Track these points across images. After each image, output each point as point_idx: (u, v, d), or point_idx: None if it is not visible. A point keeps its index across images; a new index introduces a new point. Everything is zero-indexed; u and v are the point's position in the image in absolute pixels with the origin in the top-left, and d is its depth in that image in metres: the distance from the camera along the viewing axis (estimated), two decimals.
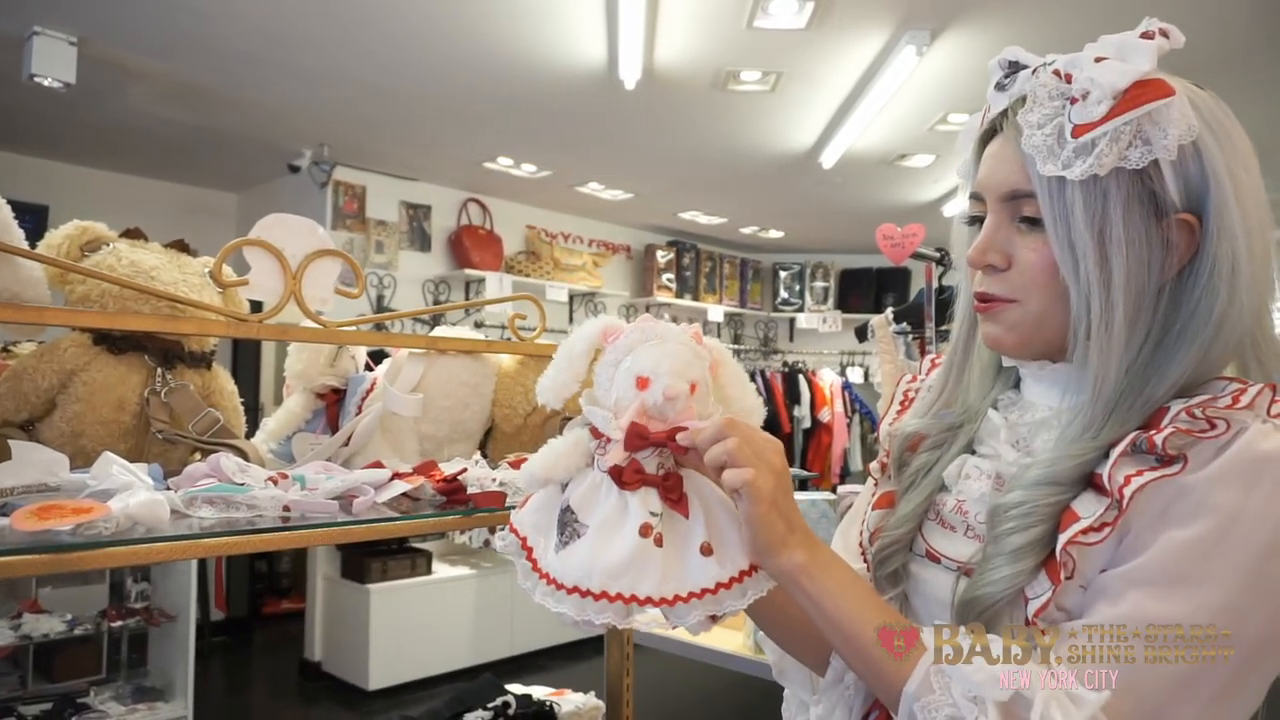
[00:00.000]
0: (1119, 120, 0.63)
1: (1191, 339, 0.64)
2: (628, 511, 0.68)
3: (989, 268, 0.71)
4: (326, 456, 1.11)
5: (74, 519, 0.66)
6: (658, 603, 0.66)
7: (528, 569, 0.70)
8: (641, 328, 0.72)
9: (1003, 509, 0.67)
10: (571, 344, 0.74)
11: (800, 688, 0.81)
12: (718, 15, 2.75)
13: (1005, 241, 0.70)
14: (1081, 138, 0.63)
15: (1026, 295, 0.69)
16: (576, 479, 0.71)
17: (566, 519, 0.69)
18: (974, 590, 0.66)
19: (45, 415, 0.98)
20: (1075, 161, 0.64)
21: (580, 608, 0.66)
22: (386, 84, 3.39)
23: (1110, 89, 0.63)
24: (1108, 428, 0.65)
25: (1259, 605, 0.58)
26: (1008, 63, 0.72)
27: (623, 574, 0.65)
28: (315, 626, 4.35)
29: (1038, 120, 0.66)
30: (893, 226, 2.57)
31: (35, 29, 2.82)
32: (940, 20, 2.75)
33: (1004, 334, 0.72)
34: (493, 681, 1.62)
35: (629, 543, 0.66)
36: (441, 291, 4.90)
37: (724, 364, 0.75)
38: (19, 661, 3.06)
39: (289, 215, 1.10)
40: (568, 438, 0.72)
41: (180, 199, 4.90)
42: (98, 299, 0.99)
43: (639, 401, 0.69)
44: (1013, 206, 0.70)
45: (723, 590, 0.68)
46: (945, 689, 0.59)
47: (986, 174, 0.72)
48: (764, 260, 6.74)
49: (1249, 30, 2.77)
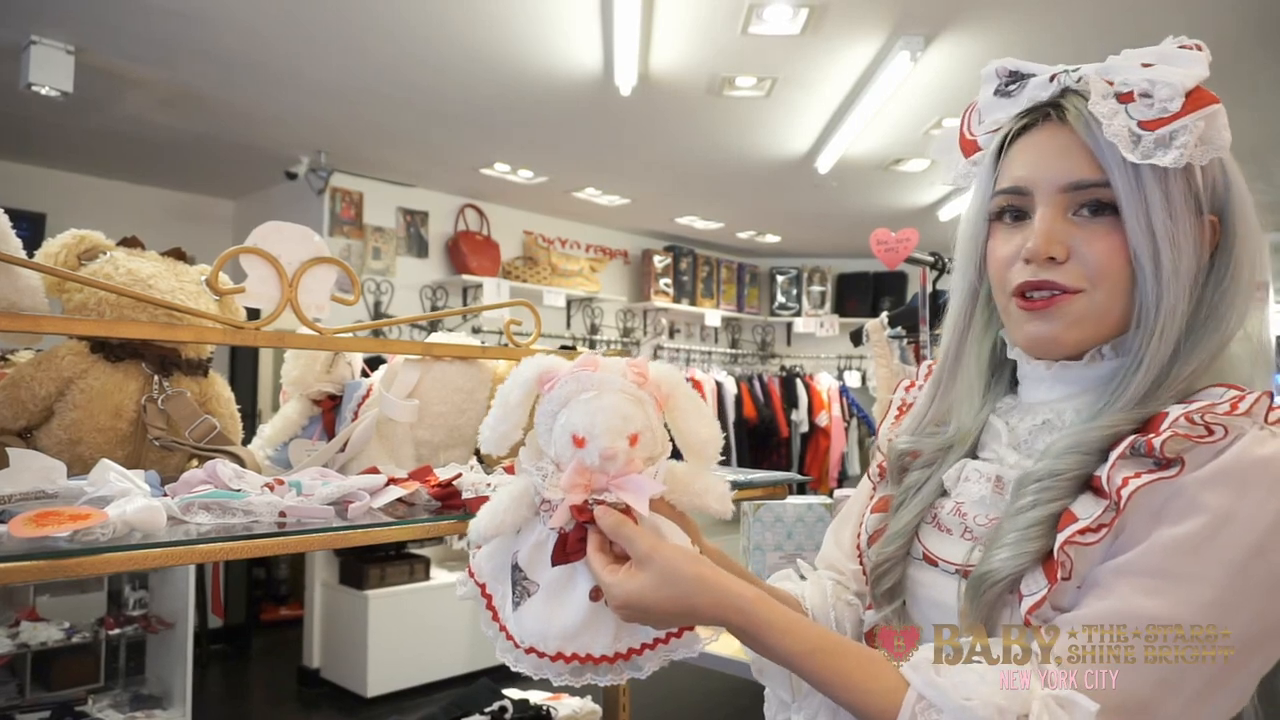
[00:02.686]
0: (1194, 116, 0.65)
1: (1215, 328, 0.68)
2: (575, 574, 0.69)
3: (1049, 260, 0.70)
4: (323, 462, 1.11)
5: (71, 525, 0.67)
6: (612, 659, 0.67)
7: (488, 618, 0.71)
8: (577, 376, 0.69)
9: (1030, 478, 0.68)
10: (508, 392, 0.72)
11: (780, 687, 0.81)
12: (712, 21, 2.77)
13: (1064, 233, 0.70)
14: (1158, 130, 0.65)
15: (1094, 285, 0.70)
16: (525, 529, 0.71)
17: (516, 577, 0.70)
18: (985, 566, 0.67)
19: (43, 423, 0.98)
20: (1156, 152, 0.66)
21: (538, 667, 0.67)
22: (383, 90, 3.40)
23: (1180, 88, 0.66)
24: (1141, 406, 0.66)
25: (1244, 603, 0.59)
26: (1008, 71, 0.73)
27: (577, 636, 0.67)
28: (314, 633, 4.34)
29: (1106, 113, 0.67)
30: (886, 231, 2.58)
31: (33, 38, 2.83)
32: (934, 26, 2.77)
33: (1064, 330, 0.71)
34: (489, 686, 1.62)
35: (580, 606, 0.67)
36: (439, 297, 4.91)
37: (675, 396, 0.72)
38: (17, 670, 3.06)
39: (285, 223, 1.11)
40: (513, 488, 0.71)
41: (178, 206, 4.91)
42: (95, 307, 0.99)
43: (575, 461, 0.67)
44: (1072, 197, 0.70)
45: (674, 640, 0.69)
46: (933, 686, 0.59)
47: (1038, 166, 0.72)
48: (761, 265, 6.75)
49: (1240, 35, 2.78)
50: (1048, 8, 2.63)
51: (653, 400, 0.70)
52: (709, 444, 0.72)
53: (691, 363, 6.01)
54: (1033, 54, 0.74)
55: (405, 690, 4.15)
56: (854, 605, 0.86)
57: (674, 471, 0.71)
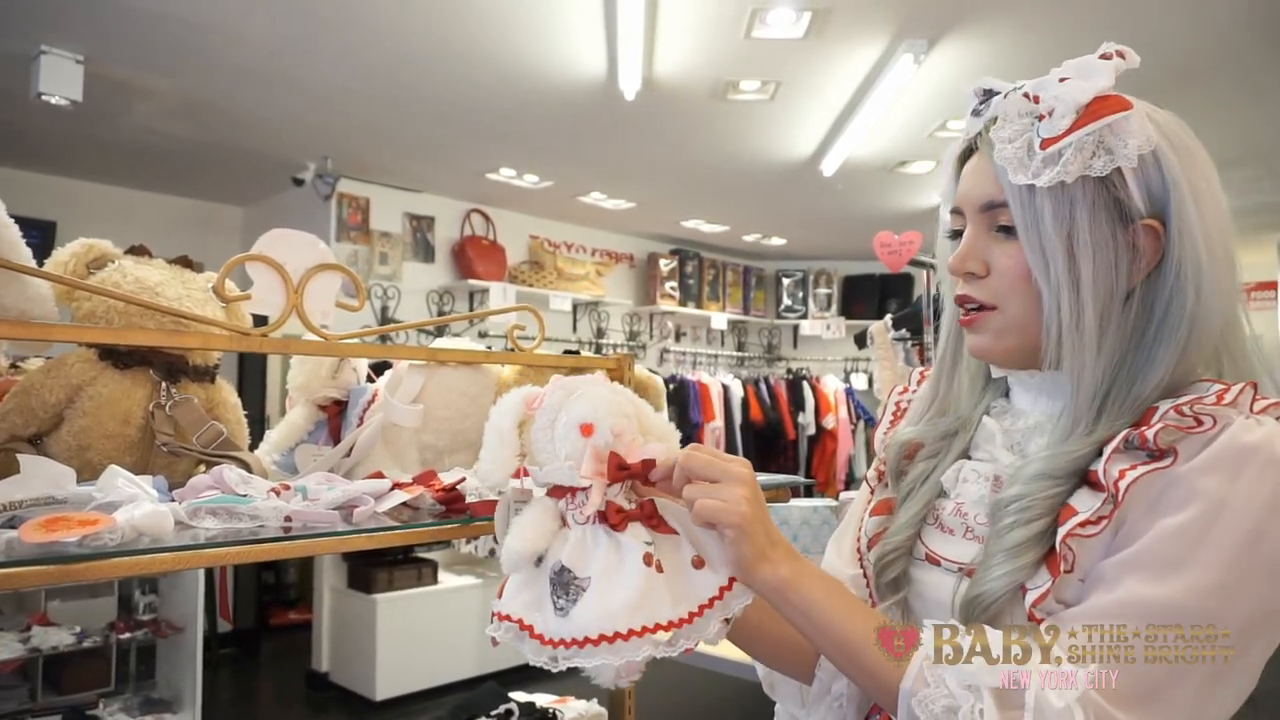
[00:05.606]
0: (1082, 131, 0.67)
1: (1169, 338, 0.68)
2: (623, 550, 0.70)
3: (969, 275, 0.75)
4: (329, 467, 1.12)
5: (80, 531, 0.68)
6: (679, 624, 0.68)
7: (537, 646, 0.70)
8: (561, 385, 0.75)
9: (1003, 503, 0.69)
10: (498, 423, 0.76)
11: (791, 703, 0.82)
12: (716, 26, 2.78)
13: (984, 250, 0.74)
14: (1048, 149, 0.67)
15: (1004, 300, 0.73)
16: (554, 544, 0.72)
17: (564, 579, 0.70)
18: (975, 589, 0.68)
19: (53, 430, 0.99)
20: (1044, 171, 0.68)
21: (616, 652, 0.66)
22: (388, 97, 3.42)
23: (1074, 104, 0.68)
24: (1100, 426, 0.68)
25: (1246, 587, 0.61)
26: (982, 91, 0.76)
27: (641, 607, 0.67)
28: (322, 637, 4.36)
29: (1008, 135, 0.70)
30: (890, 234, 2.58)
31: (42, 48, 2.86)
32: (937, 29, 2.77)
33: (990, 343, 0.75)
34: (495, 690, 1.63)
35: (636, 577, 0.68)
36: (445, 302, 4.93)
37: (634, 399, 0.78)
38: (29, 674, 3.08)
39: (290, 230, 1.11)
40: (533, 510, 0.74)
41: (186, 213, 4.94)
42: (103, 315, 1.00)
43: (589, 448, 0.71)
44: (989, 217, 0.74)
45: (727, 594, 0.70)
46: (940, 681, 0.60)
47: (965, 188, 0.76)
48: (767, 267, 6.75)
49: (1239, 35, 2.78)
50: (1049, 10, 2.63)
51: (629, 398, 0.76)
52: (669, 437, 0.78)
53: (698, 366, 6.02)
54: (1035, 56, 0.76)
55: (413, 694, 4.16)
56: None
57: None
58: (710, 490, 0.67)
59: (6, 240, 0.88)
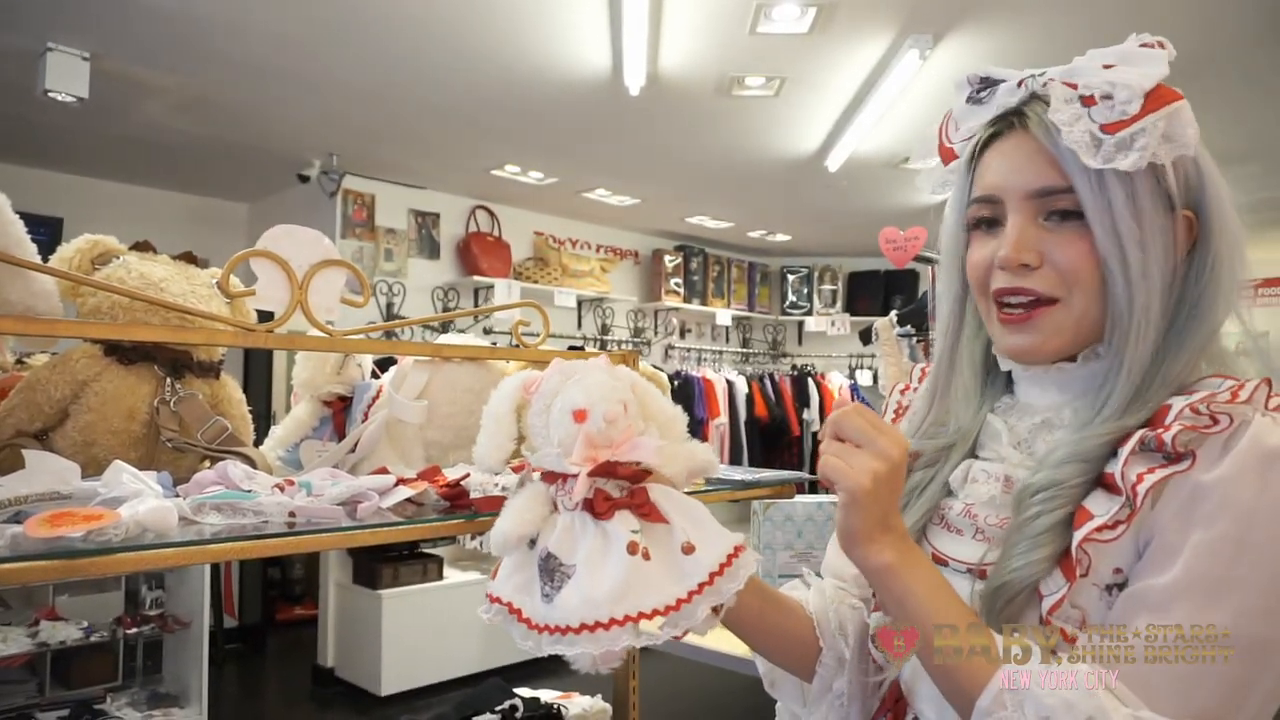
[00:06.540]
0: (1154, 116, 0.65)
1: (1197, 327, 0.68)
2: (609, 538, 0.69)
3: (1023, 267, 0.71)
4: (333, 463, 1.12)
5: (85, 526, 0.68)
6: (664, 611, 0.67)
7: (524, 630, 0.71)
8: (560, 369, 0.75)
9: (1031, 489, 0.68)
10: (495, 407, 0.77)
11: (792, 700, 0.81)
12: (721, 21, 2.77)
13: (1036, 240, 0.71)
14: (1119, 133, 0.66)
15: (1069, 291, 0.70)
16: (545, 529, 0.72)
17: (551, 565, 0.70)
18: (998, 579, 0.67)
19: (58, 425, 1.00)
20: (1117, 155, 0.66)
21: (595, 641, 0.66)
22: (393, 93, 3.42)
23: (1139, 89, 0.66)
24: (1132, 409, 0.67)
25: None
26: (979, 79, 0.74)
27: (624, 595, 0.67)
28: (328, 632, 4.37)
29: (1067, 119, 0.68)
30: (895, 230, 2.58)
31: (49, 45, 2.87)
32: (942, 24, 2.76)
33: (1041, 342, 0.72)
34: (500, 685, 1.63)
35: (621, 565, 0.68)
36: (450, 299, 4.93)
37: (638, 384, 0.78)
38: (36, 668, 3.10)
39: (295, 226, 1.11)
40: (524, 493, 0.74)
41: (192, 209, 4.96)
42: (108, 311, 1.00)
43: (582, 434, 0.71)
44: (1040, 204, 0.71)
45: (718, 579, 0.69)
46: (1018, 707, 0.59)
47: (1004, 175, 0.73)
48: (772, 264, 6.74)
49: (1246, 32, 2.76)
50: (1054, 6, 2.61)
51: (628, 383, 0.76)
52: (676, 420, 0.78)
53: (703, 362, 6.01)
54: (1039, 51, 0.75)
55: (419, 689, 4.17)
56: (857, 609, 0.86)
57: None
58: (845, 452, 0.65)
59: (12, 236, 0.88)
